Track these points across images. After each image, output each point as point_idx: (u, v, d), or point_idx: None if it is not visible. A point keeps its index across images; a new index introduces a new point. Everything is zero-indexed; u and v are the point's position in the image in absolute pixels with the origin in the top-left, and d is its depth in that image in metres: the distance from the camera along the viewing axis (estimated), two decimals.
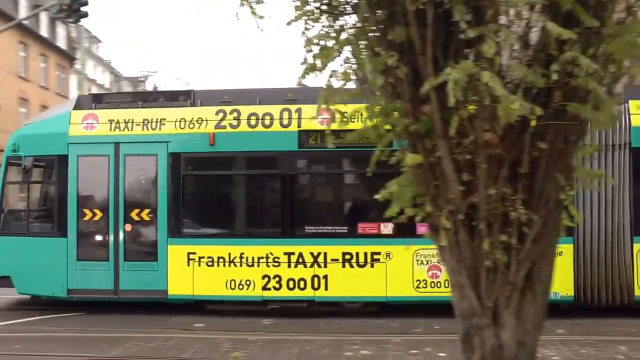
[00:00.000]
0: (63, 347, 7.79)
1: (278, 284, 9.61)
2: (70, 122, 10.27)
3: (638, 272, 9.04)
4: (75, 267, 9.90)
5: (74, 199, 10.05)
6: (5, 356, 7.30)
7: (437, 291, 9.28)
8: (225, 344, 7.90)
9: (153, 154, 10.01)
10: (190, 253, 9.78)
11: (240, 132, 9.82)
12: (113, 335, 8.46)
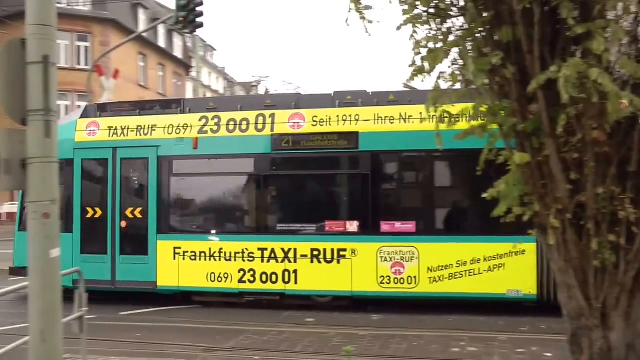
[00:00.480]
0: (181, 337, 8.35)
1: (252, 278, 10.32)
2: (76, 129, 11.40)
3: None
4: (79, 259, 10.71)
5: (78, 199, 11.17)
6: (128, 343, 7.94)
7: (399, 287, 9.81)
8: (335, 338, 8.21)
9: (145, 157, 11.00)
10: (176, 248, 10.66)
11: (220, 136, 10.61)
12: (227, 328, 8.94)
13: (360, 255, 9.97)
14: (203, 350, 7.62)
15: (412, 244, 9.84)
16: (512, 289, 9.50)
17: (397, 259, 9.84)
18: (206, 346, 7.79)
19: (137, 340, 8.16)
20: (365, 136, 10.11)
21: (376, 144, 10.08)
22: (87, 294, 6.37)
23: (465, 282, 9.62)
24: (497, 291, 9.50)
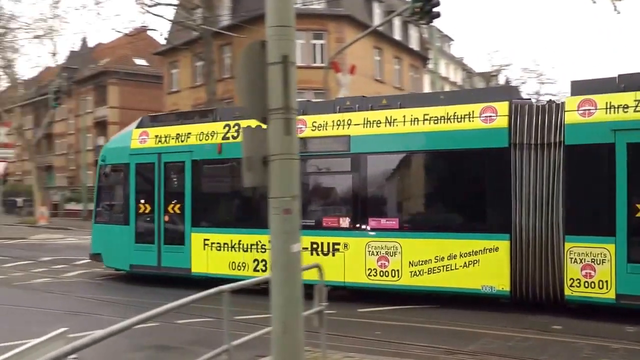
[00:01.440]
0: (419, 337, 8.38)
1: (264, 267, 11.72)
2: (131, 138, 13.90)
3: (568, 271, 9.40)
4: (134, 248, 13.58)
5: (133, 197, 13.73)
6: (367, 340, 8.17)
7: (384, 280, 10.82)
8: (585, 349, 7.69)
9: (182, 161, 13.13)
10: (205, 239, 12.68)
11: (239, 142, 10.16)
12: (465, 330, 8.82)
13: (351, 249, 11.15)
14: (443, 352, 7.57)
15: (395, 239, 10.78)
16: (486, 285, 10.06)
17: (383, 253, 10.87)
18: (446, 348, 7.72)
19: (376, 339, 8.34)
20: (358, 139, 11.22)
21: (365, 146, 11.17)
22: (326, 289, 6.67)
23: (443, 276, 10.33)
24: (472, 286, 10.05)
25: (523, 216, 9.84)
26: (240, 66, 4.96)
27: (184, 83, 37.22)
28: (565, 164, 9.61)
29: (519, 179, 9.93)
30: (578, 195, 9.53)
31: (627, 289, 9.08)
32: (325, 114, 11.70)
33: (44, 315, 10.27)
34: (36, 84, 46.00)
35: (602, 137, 9.31)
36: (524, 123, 10.02)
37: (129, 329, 4.31)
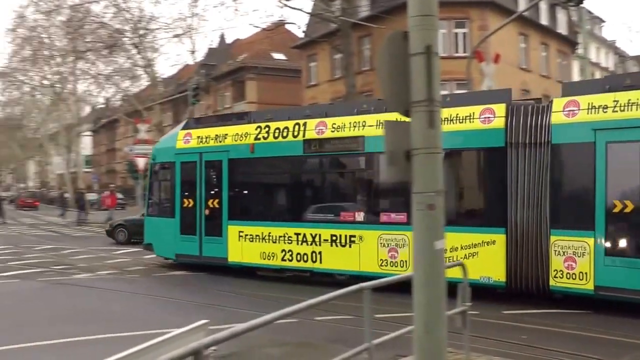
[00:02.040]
0: (569, 344, 8.01)
1: (290, 257, 13.30)
2: (177, 139, 15.57)
3: (552, 263, 10.11)
4: (180, 239, 15.22)
5: (178, 192, 15.43)
6: (512, 344, 7.93)
7: (394, 269, 11.65)
8: None
9: (219, 159, 14.63)
10: (240, 231, 14.14)
11: (268, 142, 13.75)
12: (621, 340, 8.34)
13: (365, 241, 12.27)
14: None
15: (404, 232, 11.55)
16: (484, 276, 10.80)
17: (393, 245, 11.89)
18: (598, 357, 7.30)
19: (521, 343, 8.09)
20: (371, 140, 12.07)
21: (378, 146, 10.26)
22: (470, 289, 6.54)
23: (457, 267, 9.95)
24: (472, 277, 8.86)
25: (517, 211, 10.63)
26: (381, 58, 4.93)
27: (323, 76, 37.81)
28: (551, 162, 10.42)
29: (514, 176, 10.73)
30: (562, 192, 10.44)
31: (604, 281, 9.77)
32: (344, 116, 12.89)
33: (181, 306, 10.98)
34: (175, 82, 48.84)
35: (583, 137, 10.00)
36: (518, 124, 10.78)
37: (270, 323, 4.37)
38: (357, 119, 12.59)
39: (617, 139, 9.75)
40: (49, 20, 38.83)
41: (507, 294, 10.92)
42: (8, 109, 56.37)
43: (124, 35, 35.14)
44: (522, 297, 10.83)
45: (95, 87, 43.68)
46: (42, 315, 10.36)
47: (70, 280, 13.94)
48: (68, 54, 39.70)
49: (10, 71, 43.79)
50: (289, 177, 14.02)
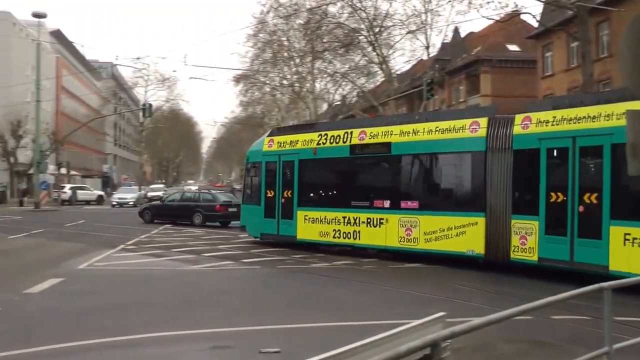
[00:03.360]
0: None
1: (339, 235, 17.55)
2: (264, 144, 20.49)
3: (511, 241, 13.84)
4: (264, 221, 19.85)
5: (263, 186, 20.22)
6: None
7: (410, 245, 15.90)
8: None
9: (292, 160, 19.23)
10: (305, 215, 18.53)
11: (326, 147, 18.21)
12: None
13: (389, 223, 16.34)
14: None
15: (417, 216, 15.70)
16: (470, 249, 14.63)
17: (409, 225, 15.85)
18: None
19: None
20: (395, 145, 16.43)
21: (403, 149, 16.35)
22: None
23: (443, 243, 15.11)
24: (461, 250, 14.75)
25: (492, 200, 14.45)
26: (623, 42, 4.82)
27: (559, 66, 36.96)
28: (513, 163, 14.09)
29: (490, 173, 14.53)
30: (519, 186, 14.08)
31: (545, 254, 13.24)
32: (376, 127, 17.35)
33: (414, 298, 11.29)
34: (410, 77, 50.31)
35: (532, 144, 13.61)
36: (496, 133, 14.50)
37: (507, 319, 4.37)
38: (386, 128, 16.89)
39: (553, 146, 13.36)
40: (288, 24, 42.42)
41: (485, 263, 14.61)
42: (250, 108, 62.43)
43: (360, 34, 37.26)
44: None
45: (332, 85, 46.76)
46: (280, 301, 11.14)
47: (308, 268, 15.21)
48: (306, 54, 43.03)
49: (252, 73, 48.62)
50: (339, 174, 18.70)
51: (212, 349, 7.76)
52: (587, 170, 12.75)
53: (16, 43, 65.74)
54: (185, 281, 13.63)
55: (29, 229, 25.65)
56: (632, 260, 11.45)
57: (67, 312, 10.05)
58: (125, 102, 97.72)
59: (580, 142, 12.72)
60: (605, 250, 11.99)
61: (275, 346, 7.36)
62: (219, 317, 9.62)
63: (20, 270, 14.73)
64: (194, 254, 17.86)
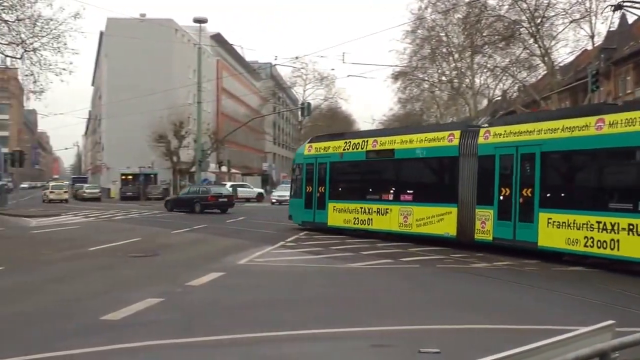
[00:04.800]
0: None
1: (357, 222, 22.48)
2: (305, 149, 25.64)
3: (475, 225, 17.92)
4: (303, 211, 25.00)
5: (304, 183, 25.10)
6: None
7: (405, 228, 20.46)
8: None
9: (325, 162, 24.23)
10: (334, 206, 23.50)
11: (349, 152, 23.14)
12: None
13: (392, 212, 20.99)
14: None
15: (411, 206, 20.36)
16: (446, 232, 18.99)
17: (406, 214, 20.43)
18: None
19: None
20: (399, 151, 21.08)
21: (402, 154, 20.97)
22: None
23: (428, 227, 19.65)
24: (440, 232, 19.29)
25: (463, 195, 18.54)
26: None
27: None
28: (478, 166, 18.08)
29: (462, 174, 18.59)
30: (482, 183, 17.89)
31: (497, 235, 17.25)
32: (384, 137, 22.57)
33: (580, 303, 10.87)
34: (573, 69, 47.50)
35: (490, 151, 17.65)
36: (466, 142, 18.56)
37: None
38: (391, 138, 21.86)
39: (503, 153, 17.31)
40: (447, 19, 42.06)
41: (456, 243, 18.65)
42: (408, 105, 62.48)
43: (521, 26, 36.14)
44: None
45: (492, 80, 45.56)
46: (439, 301, 11.11)
47: (467, 268, 15.07)
48: (465, 49, 42.29)
49: (410, 70, 48.45)
50: (358, 174, 23.85)
51: (371, 347, 7.76)
52: (525, 171, 16.79)
53: (178, 48, 70.11)
54: (342, 279, 13.79)
55: (191, 225, 27.49)
56: (552, 237, 15.68)
57: (226, 306, 10.41)
58: (284, 102, 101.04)
59: (520, 150, 16.93)
60: (535, 231, 16.14)
61: (435, 347, 7.30)
62: (377, 315, 9.65)
63: (182, 263, 15.50)
64: (353, 251, 18.08)
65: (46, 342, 7.70)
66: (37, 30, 28.04)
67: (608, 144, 14.39)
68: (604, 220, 14.16)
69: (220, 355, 7.48)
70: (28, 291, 11.66)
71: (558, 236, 15.38)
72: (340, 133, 29.75)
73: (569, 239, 15.08)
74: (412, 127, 32.12)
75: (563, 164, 16.76)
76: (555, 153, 16.05)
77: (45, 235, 23.60)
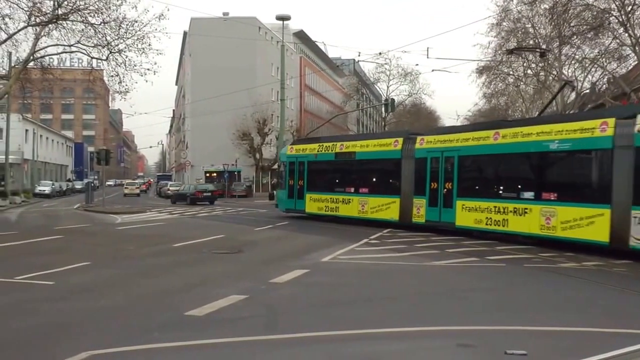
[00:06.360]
0: None
1: (328, 209, 28.32)
2: (288, 149, 32.59)
3: (413, 211, 23.59)
4: (286, 200, 30.78)
5: (287, 178, 31.04)
6: None
7: (363, 215, 26.25)
8: None
9: (303, 161, 29.93)
10: (310, 197, 29.38)
11: (322, 152, 29.09)
12: None
13: (353, 202, 26.99)
14: None
15: (367, 197, 26.16)
16: (392, 217, 24.56)
17: (363, 203, 26.33)
18: None
19: None
20: (358, 153, 26.86)
21: (361, 156, 26.74)
22: None
23: (379, 213, 25.27)
24: (387, 217, 24.72)
25: (404, 188, 24.21)
26: None
27: None
28: (415, 166, 23.76)
29: (403, 171, 24.31)
30: (418, 179, 23.59)
31: (428, 217, 22.97)
32: (349, 141, 28.91)
33: None
34: None
35: (424, 154, 23.33)
36: (407, 147, 24.27)
37: None
38: (352, 142, 28.12)
39: (433, 156, 22.85)
40: (533, 10, 40.77)
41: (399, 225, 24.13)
42: (493, 100, 61.07)
43: (610, 14, 34.64)
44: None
45: (580, 72, 43.92)
46: (526, 301, 10.85)
47: (555, 268, 14.50)
48: (552, 40, 40.93)
49: (495, 64, 47.34)
50: (328, 170, 28.88)
51: (457, 346, 7.66)
52: (447, 170, 22.25)
53: (261, 46, 70.99)
54: (428, 277, 13.71)
55: (273, 222, 27.93)
56: (465, 219, 21.17)
57: (310, 303, 10.40)
58: (368, 98, 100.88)
59: (445, 154, 22.40)
60: (454, 214, 21.69)
61: (521, 348, 7.21)
62: (463, 314, 9.59)
63: (266, 260, 15.56)
64: (438, 249, 17.95)
65: (130, 336, 7.88)
66: (122, 32, 28.92)
67: (501, 150, 20.03)
68: (498, 206, 19.86)
69: (305, 352, 7.42)
70: (113, 286, 11.93)
71: (469, 218, 21.13)
72: (316, 137, 36.05)
73: (476, 219, 20.75)
74: (369, 134, 39.45)
75: (473, 165, 22.00)
76: (468, 157, 21.70)
77: (131, 232, 24.23)
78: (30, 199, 55.47)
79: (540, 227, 18.03)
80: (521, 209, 18.80)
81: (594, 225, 16.37)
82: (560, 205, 17.49)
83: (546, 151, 18.19)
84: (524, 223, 18.69)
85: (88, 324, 8.59)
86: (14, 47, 31.06)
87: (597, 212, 16.33)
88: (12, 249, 18.15)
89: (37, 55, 30.18)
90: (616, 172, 16.04)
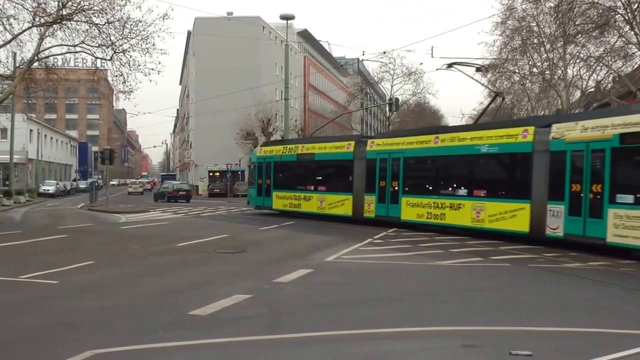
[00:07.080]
0: None
1: (292, 205, 31.36)
2: (258, 150, 35.70)
3: (364, 207, 26.28)
4: (255, 197, 34.38)
5: (256, 177, 34.19)
6: None
7: (322, 210, 29.16)
8: None
9: (270, 162, 33.04)
10: (277, 194, 32.32)
11: (292, 153, 31.83)
12: None
13: (313, 199, 29.78)
14: None
15: (325, 195, 29.10)
16: (346, 212, 27.37)
17: (321, 199, 29.28)
18: None
19: None
20: (317, 154, 29.90)
21: (319, 157, 29.78)
22: None
23: (335, 209, 27.98)
24: (342, 213, 27.57)
25: (356, 186, 26.80)
26: None
27: None
28: (365, 167, 26.29)
29: (356, 172, 26.89)
30: (368, 178, 26.09)
31: (377, 213, 25.57)
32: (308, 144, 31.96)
33: None
34: None
35: (373, 156, 25.91)
36: (359, 150, 26.95)
37: None
38: (314, 145, 30.81)
39: (382, 157, 25.42)
40: (538, 8, 40.71)
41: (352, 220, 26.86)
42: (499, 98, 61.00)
43: (616, 12, 34.50)
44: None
45: (585, 70, 43.81)
46: (531, 301, 10.75)
47: (560, 268, 14.40)
48: (557, 39, 40.80)
49: (500, 63, 47.24)
50: (292, 170, 31.61)
51: (462, 347, 7.65)
52: (394, 170, 24.73)
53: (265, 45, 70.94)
54: (432, 277, 13.71)
55: (278, 222, 27.98)
56: (409, 214, 23.74)
57: (314, 303, 10.39)
58: (372, 97, 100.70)
59: (392, 156, 24.97)
60: (399, 209, 24.20)
61: (526, 349, 7.16)
62: (468, 314, 9.56)
63: (270, 260, 15.60)
64: (442, 249, 17.96)
65: (133, 336, 7.87)
66: (126, 32, 28.80)
67: (440, 152, 22.59)
68: (437, 201, 22.48)
69: (309, 352, 7.41)
70: (117, 285, 11.95)
71: (412, 212, 23.68)
72: (281, 140, 40.34)
73: (418, 214, 23.36)
74: (326, 137, 42.64)
75: (416, 165, 24.28)
76: (412, 158, 24.23)
77: (135, 231, 24.27)
78: (34, 199, 55.71)
79: (472, 220, 20.95)
80: (456, 204, 21.71)
81: (516, 218, 19.18)
82: (488, 200, 20.40)
83: (478, 154, 20.93)
84: (458, 216, 21.58)
85: (92, 323, 8.59)
86: (19, 47, 31.01)
87: (519, 207, 19.13)
88: (16, 248, 18.23)
89: (41, 56, 30.14)
90: (535, 172, 18.74)
